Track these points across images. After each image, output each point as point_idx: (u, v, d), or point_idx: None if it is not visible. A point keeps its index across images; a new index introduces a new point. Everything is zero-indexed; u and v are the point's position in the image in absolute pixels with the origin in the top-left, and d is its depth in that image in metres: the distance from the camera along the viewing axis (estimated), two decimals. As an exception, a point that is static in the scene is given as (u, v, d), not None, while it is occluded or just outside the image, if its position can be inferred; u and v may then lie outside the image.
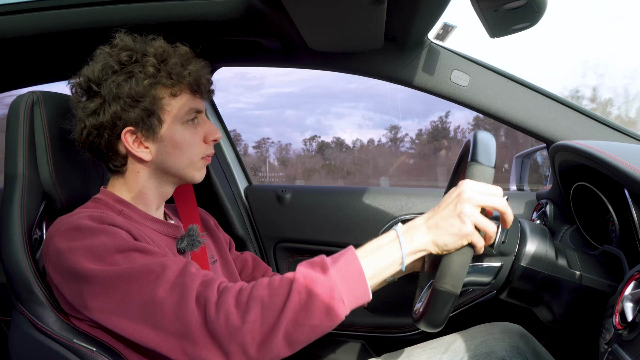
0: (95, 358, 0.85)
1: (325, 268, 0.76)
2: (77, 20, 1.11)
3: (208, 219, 1.19)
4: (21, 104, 0.96)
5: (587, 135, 1.22)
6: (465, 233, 0.76)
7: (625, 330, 0.68)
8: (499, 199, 0.78)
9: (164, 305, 0.75)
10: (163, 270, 0.77)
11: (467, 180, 0.79)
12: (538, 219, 1.26)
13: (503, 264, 0.86)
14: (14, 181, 0.95)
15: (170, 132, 0.92)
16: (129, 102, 0.88)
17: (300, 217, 1.63)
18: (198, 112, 0.95)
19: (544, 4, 1.00)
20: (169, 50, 0.92)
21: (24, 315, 0.90)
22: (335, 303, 0.74)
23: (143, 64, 0.89)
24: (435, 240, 0.78)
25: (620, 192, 0.87)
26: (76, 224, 0.82)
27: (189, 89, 0.93)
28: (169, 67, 0.90)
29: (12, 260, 0.90)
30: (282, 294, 0.74)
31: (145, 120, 0.90)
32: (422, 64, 1.27)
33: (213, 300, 0.75)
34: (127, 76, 0.89)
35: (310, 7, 0.95)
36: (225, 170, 1.68)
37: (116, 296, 0.77)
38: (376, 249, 0.80)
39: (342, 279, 0.75)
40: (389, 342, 1.50)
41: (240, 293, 0.76)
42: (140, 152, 0.92)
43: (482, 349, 0.95)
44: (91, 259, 0.79)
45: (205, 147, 0.97)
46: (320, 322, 0.73)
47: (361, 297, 0.76)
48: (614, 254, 0.90)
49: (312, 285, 0.74)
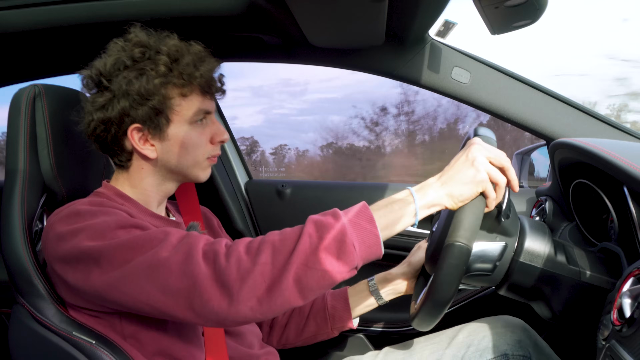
0: (94, 350, 0.86)
1: (337, 215, 0.75)
2: (78, 14, 1.11)
3: (212, 218, 1.18)
4: (23, 96, 0.96)
5: (587, 132, 1.22)
6: (480, 179, 0.78)
7: (623, 327, 0.68)
8: (505, 157, 0.81)
9: (169, 263, 0.74)
10: (166, 236, 0.77)
11: (474, 139, 0.82)
12: (537, 216, 1.26)
13: (507, 244, 0.86)
14: (15, 174, 0.95)
15: (178, 131, 0.91)
16: (138, 99, 0.88)
17: (300, 211, 1.64)
18: (207, 113, 0.94)
19: (545, 1, 1.00)
20: (182, 50, 0.91)
21: (24, 308, 0.90)
22: (346, 248, 0.72)
23: (155, 62, 0.88)
24: (450, 192, 0.79)
25: (620, 190, 0.87)
26: (76, 209, 0.82)
27: (200, 89, 0.92)
28: (181, 67, 0.89)
29: (13, 252, 0.90)
30: (293, 237, 0.74)
31: (153, 118, 0.89)
32: (423, 61, 1.27)
33: (222, 252, 0.74)
34: (139, 73, 0.88)
35: (311, 3, 0.95)
36: (226, 165, 1.68)
37: (120, 265, 0.76)
38: (389, 203, 0.79)
39: (353, 226, 0.74)
40: (389, 337, 1.51)
41: (251, 242, 0.76)
42: (145, 149, 0.91)
43: (484, 343, 0.96)
44: (92, 236, 0.78)
45: (212, 148, 0.96)
46: (331, 267, 0.72)
47: (373, 246, 0.75)
48: (612, 251, 0.90)
49: (323, 229, 0.73)
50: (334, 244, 0.72)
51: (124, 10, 1.09)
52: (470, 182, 0.78)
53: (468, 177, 0.78)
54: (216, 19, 1.12)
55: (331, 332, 1.14)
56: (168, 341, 0.87)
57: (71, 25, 1.12)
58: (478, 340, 0.98)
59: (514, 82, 1.26)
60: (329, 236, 0.72)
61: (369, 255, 0.75)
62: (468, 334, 1.01)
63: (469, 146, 0.81)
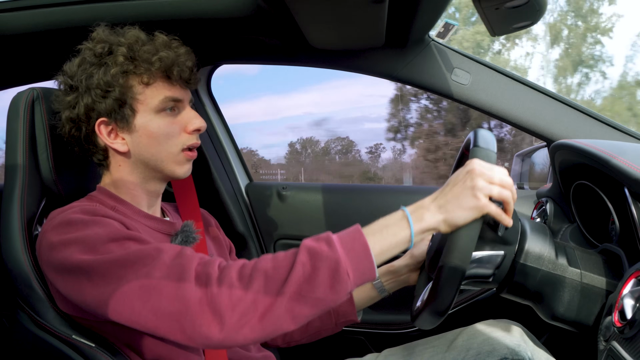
0: (94, 354, 0.86)
1: (331, 242, 0.74)
2: (78, 17, 1.11)
3: (210, 219, 1.18)
4: (21, 100, 0.96)
5: (587, 134, 1.22)
6: (480, 207, 0.76)
7: (625, 328, 0.68)
8: (507, 178, 0.79)
9: (162, 286, 0.73)
10: (159, 254, 0.76)
11: (475, 159, 0.79)
12: (538, 217, 1.26)
13: (506, 254, 0.86)
14: (14, 178, 0.95)
15: (144, 121, 0.90)
16: (100, 92, 0.88)
17: (301, 214, 1.63)
18: (176, 101, 0.92)
19: (545, 2, 1.00)
20: (142, 39, 0.90)
21: (24, 311, 0.90)
22: (340, 277, 0.72)
23: (115, 54, 0.88)
24: (447, 218, 0.77)
25: (620, 191, 0.87)
26: (67, 218, 0.82)
27: (163, 76, 0.90)
28: (139, 55, 0.88)
29: (12, 256, 0.90)
30: (286, 265, 0.72)
31: (117, 110, 0.89)
32: (423, 63, 1.27)
33: (215, 276, 0.73)
34: (98, 67, 0.88)
35: (312, 5, 0.95)
36: (226, 167, 1.68)
37: (112, 282, 0.75)
38: (383, 227, 0.78)
39: (347, 254, 0.73)
40: (389, 338, 1.50)
41: (243, 267, 0.74)
42: (116, 143, 0.91)
43: (484, 347, 0.95)
44: (84, 250, 0.77)
45: (187, 138, 0.93)
46: (325, 296, 0.71)
47: (367, 272, 0.74)
48: (613, 252, 0.90)
49: (317, 257, 0.72)
50: (328, 272, 0.71)
51: (122, 12, 1.09)
52: (469, 209, 0.76)
53: (467, 204, 0.76)
54: (217, 21, 1.13)
55: (335, 327, 1.13)
56: (166, 347, 0.87)
57: (71, 28, 1.12)
58: (477, 343, 0.97)
59: (515, 84, 1.26)
60: (323, 265, 0.72)
61: (363, 281, 0.75)
62: (468, 337, 1.00)
63: (468, 170, 0.78)
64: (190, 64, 0.94)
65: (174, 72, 0.90)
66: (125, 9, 1.08)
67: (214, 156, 1.62)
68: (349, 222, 1.57)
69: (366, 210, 1.58)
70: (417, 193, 1.58)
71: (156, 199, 1.00)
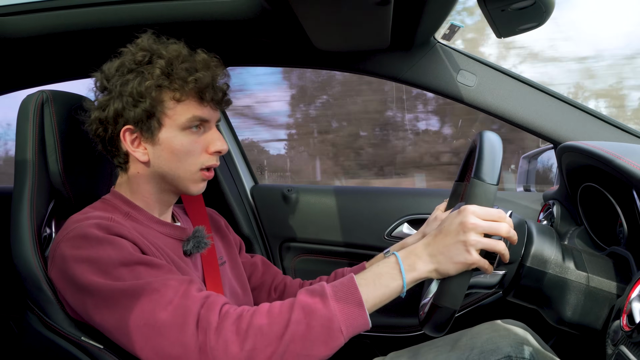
0: (103, 356, 0.86)
1: (325, 298, 0.77)
2: (87, 19, 1.12)
3: (219, 219, 1.19)
4: (31, 103, 0.97)
5: (595, 135, 1.21)
6: (471, 262, 0.77)
7: (633, 332, 0.68)
8: (502, 226, 0.78)
9: (165, 327, 0.76)
10: (166, 290, 0.78)
11: (468, 207, 0.79)
12: (545, 220, 1.25)
13: (507, 271, 0.87)
14: (24, 180, 0.96)
15: (169, 136, 0.91)
16: (131, 100, 0.89)
17: (306, 216, 1.64)
18: (203, 121, 0.93)
19: (552, 3, 0.99)
20: (182, 55, 0.91)
21: (33, 313, 0.91)
22: (334, 334, 0.75)
23: (153, 66, 0.89)
24: (438, 268, 0.79)
25: (629, 193, 0.86)
26: (83, 232, 0.83)
27: (196, 96, 0.91)
28: (176, 72, 0.89)
29: (22, 257, 0.91)
30: (281, 323, 0.75)
31: (144, 121, 0.90)
32: (428, 64, 1.27)
33: (214, 326, 0.75)
34: (135, 75, 0.89)
35: (317, 7, 0.95)
36: (232, 170, 1.68)
37: (118, 312, 0.78)
38: (376, 277, 0.80)
39: (341, 310, 0.76)
40: (395, 341, 1.50)
41: (241, 320, 0.76)
42: (137, 152, 0.92)
43: (487, 346, 0.95)
44: (96, 271, 0.80)
45: (207, 158, 0.95)
46: (318, 351, 0.75)
47: (360, 326, 0.78)
48: (621, 255, 0.89)
49: (311, 316, 0.75)
50: (322, 330, 0.75)
51: (129, 15, 1.09)
52: (460, 262, 0.77)
53: (458, 259, 0.77)
54: (222, 23, 1.13)
55: None
56: None
57: (80, 30, 1.13)
58: (481, 342, 0.97)
59: (521, 85, 1.25)
60: (317, 324, 0.75)
61: (356, 333, 0.78)
62: (471, 336, 1.00)
63: (460, 222, 0.78)
64: (226, 87, 0.96)
65: (207, 94, 0.91)
66: (130, 13, 1.09)
67: (219, 158, 1.62)
68: (354, 224, 1.58)
69: (370, 212, 1.58)
70: (422, 195, 1.58)
71: (168, 208, 1.01)
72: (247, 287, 1.14)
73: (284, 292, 1.18)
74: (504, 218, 0.79)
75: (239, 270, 1.14)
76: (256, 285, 1.19)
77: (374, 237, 1.55)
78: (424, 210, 1.54)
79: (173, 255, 0.92)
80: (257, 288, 1.19)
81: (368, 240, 1.55)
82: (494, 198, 0.79)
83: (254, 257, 1.23)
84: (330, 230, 1.60)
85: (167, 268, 0.84)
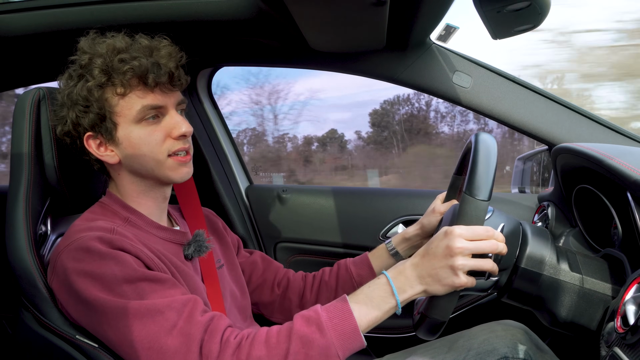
0: (97, 354, 0.86)
1: (322, 327, 0.78)
2: (82, 18, 1.11)
3: (216, 220, 1.18)
4: (27, 100, 0.97)
5: (589, 137, 1.22)
6: (459, 284, 0.79)
7: (627, 334, 0.68)
8: (489, 244, 0.79)
9: (169, 353, 0.77)
10: (170, 312, 0.78)
11: (455, 229, 0.79)
12: (540, 221, 1.26)
13: (500, 278, 0.88)
14: (20, 177, 0.95)
15: (126, 133, 0.89)
16: (81, 108, 0.88)
17: (301, 217, 1.63)
18: (157, 108, 0.89)
19: (547, 5, 1.00)
20: (117, 48, 0.87)
21: (28, 311, 0.91)
22: (331, 359, 0.78)
23: (92, 66, 0.87)
24: (427, 289, 0.81)
25: (623, 195, 0.86)
26: (86, 246, 0.82)
27: (139, 84, 0.87)
28: (112, 66, 0.86)
29: (17, 255, 0.91)
30: (280, 354, 0.77)
31: (99, 124, 0.89)
32: (424, 65, 1.27)
33: (214, 355, 0.77)
34: (78, 81, 0.88)
35: (312, 8, 0.95)
36: (226, 170, 1.68)
37: (120, 331, 0.78)
38: (369, 298, 0.82)
39: (338, 337, 0.78)
40: (390, 342, 1.50)
41: (240, 350, 0.78)
42: (105, 155, 0.91)
43: (484, 346, 0.95)
44: (100, 286, 0.80)
45: (172, 144, 0.90)
46: None
47: (356, 348, 0.81)
48: (616, 257, 0.90)
49: (309, 346, 0.77)
50: (320, 358, 0.77)
51: (126, 14, 1.09)
52: (448, 285, 0.80)
53: (446, 281, 0.79)
54: (218, 23, 1.13)
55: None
56: None
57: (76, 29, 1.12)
58: (478, 343, 0.97)
59: (516, 87, 1.25)
60: (315, 353, 0.77)
61: (352, 353, 0.81)
62: (468, 338, 1.00)
63: (447, 245, 0.79)
64: (172, 65, 0.89)
65: (149, 78, 0.86)
66: (125, 11, 1.09)
67: (214, 159, 1.62)
68: (349, 225, 1.58)
69: (365, 212, 1.58)
70: (416, 196, 1.58)
71: (164, 203, 1.00)
72: (245, 289, 1.13)
73: (287, 288, 1.17)
74: (492, 235, 0.80)
75: (237, 272, 1.13)
76: (258, 284, 1.18)
77: (368, 238, 1.54)
78: (419, 211, 1.53)
79: (175, 260, 0.92)
80: (260, 286, 1.18)
81: (363, 240, 1.55)
82: (485, 214, 0.80)
83: (253, 254, 1.22)
84: (325, 230, 1.60)
85: (170, 282, 0.83)
